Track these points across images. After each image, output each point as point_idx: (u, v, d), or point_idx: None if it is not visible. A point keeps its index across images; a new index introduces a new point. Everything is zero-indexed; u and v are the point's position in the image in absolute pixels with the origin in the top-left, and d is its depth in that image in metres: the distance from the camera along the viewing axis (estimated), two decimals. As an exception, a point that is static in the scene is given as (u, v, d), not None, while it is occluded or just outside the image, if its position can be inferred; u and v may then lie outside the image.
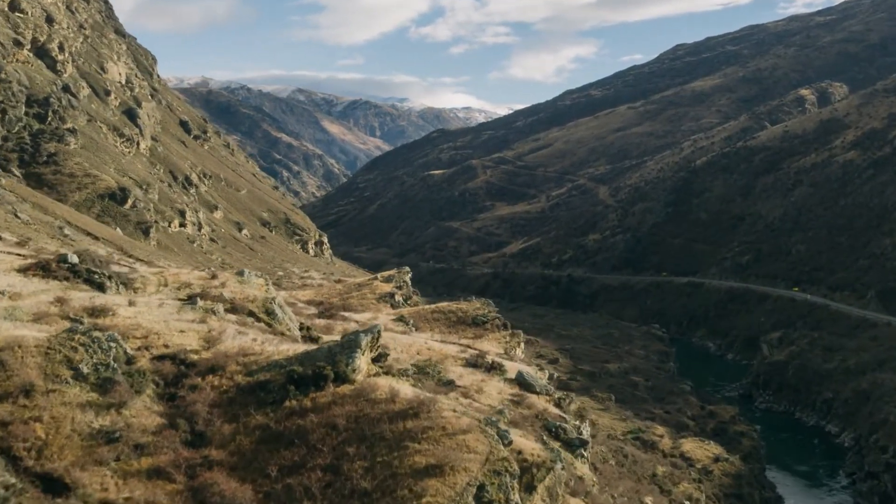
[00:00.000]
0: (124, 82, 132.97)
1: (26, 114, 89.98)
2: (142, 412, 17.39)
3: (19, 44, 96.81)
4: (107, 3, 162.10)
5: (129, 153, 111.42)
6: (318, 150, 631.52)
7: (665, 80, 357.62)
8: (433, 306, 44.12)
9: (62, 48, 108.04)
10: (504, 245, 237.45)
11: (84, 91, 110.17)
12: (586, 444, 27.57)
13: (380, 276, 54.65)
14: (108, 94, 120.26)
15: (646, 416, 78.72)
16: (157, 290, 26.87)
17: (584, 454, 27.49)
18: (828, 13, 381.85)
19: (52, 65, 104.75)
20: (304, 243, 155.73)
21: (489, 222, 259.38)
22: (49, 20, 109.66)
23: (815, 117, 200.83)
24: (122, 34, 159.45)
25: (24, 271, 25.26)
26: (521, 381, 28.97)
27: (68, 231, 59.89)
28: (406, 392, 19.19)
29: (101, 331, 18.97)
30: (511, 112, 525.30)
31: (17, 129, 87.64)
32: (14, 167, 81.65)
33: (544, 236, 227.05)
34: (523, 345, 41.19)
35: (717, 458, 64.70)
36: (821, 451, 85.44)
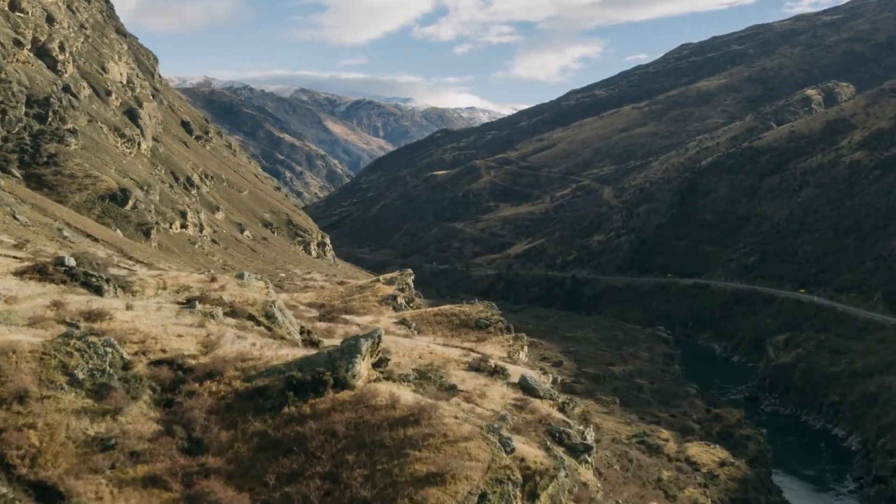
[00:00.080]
0: (125, 82, 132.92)
1: (26, 114, 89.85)
2: (138, 419, 17.13)
3: (20, 44, 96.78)
4: (108, 2, 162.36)
5: (129, 154, 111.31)
6: (320, 150, 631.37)
7: (670, 80, 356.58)
8: (436, 309, 43.84)
9: (63, 48, 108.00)
10: (508, 246, 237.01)
11: (85, 91, 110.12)
12: (590, 449, 27.29)
13: (382, 278, 54.36)
14: (109, 94, 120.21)
15: (651, 419, 78.39)
16: (155, 294, 26.61)
17: (589, 459, 27.22)
18: (834, 12, 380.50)
19: (52, 65, 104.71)
20: (307, 244, 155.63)
21: (493, 223, 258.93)
22: (49, 20, 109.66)
23: (822, 117, 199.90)
24: (123, 34, 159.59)
25: (20, 274, 25.03)
26: (525, 386, 28.69)
27: (67, 233, 59.72)
28: (407, 398, 18.88)
29: (97, 335, 18.72)
30: (515, 112, 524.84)
31: (17, 129, 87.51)
32: (14, 168, 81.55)
33: (548, 237, 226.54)
34: (527, 348, 40.87)
35: (722, 463, 64.40)
36: (828, 454, 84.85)
